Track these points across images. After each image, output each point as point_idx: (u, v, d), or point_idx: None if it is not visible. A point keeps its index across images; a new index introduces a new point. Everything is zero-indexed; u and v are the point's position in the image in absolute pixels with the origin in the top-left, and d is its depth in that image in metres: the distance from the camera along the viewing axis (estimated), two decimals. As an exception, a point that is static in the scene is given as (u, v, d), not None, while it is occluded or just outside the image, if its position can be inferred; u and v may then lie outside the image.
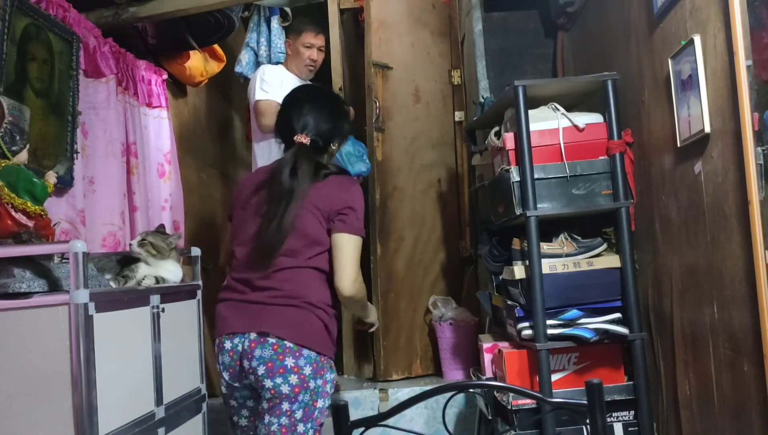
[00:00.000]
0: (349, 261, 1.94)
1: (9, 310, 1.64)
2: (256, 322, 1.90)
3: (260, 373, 1.86)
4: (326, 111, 2.09)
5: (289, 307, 1.91)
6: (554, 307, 2.31)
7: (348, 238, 1.94)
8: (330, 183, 1.98)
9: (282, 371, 1.86)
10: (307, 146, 2.02)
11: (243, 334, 1.91)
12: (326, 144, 2.08)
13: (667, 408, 2.25)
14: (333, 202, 1.95)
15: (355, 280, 1.95)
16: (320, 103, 2.11)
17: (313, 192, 1.95)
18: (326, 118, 2.07)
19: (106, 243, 2.69)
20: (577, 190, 2.35)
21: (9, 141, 1.83)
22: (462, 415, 3.14)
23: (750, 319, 1.69)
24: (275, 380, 1.86)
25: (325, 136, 2.06)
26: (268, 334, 1.88)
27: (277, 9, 3.86)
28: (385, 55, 3.63)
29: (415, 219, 3.66)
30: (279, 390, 1.85)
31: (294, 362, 1.87)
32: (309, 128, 2.03)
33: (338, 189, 1.98)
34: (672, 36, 2.04)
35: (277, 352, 1.87)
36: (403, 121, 3.68)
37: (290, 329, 1.89)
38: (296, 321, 1.90)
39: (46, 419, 1.61)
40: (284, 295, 1.92)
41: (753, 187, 1.62)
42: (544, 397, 1.31)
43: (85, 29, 2.67)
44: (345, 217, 1.95)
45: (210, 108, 4.32)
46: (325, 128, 2.06)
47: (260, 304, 1.92)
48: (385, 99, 3.60)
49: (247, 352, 1.89)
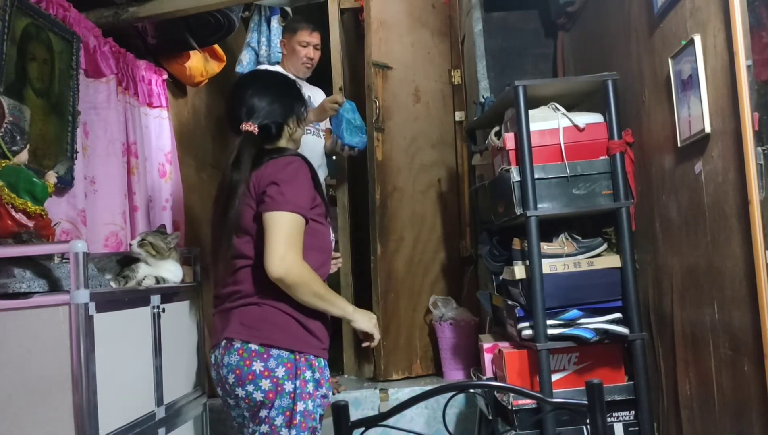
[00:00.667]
0: (273, 239, 1.73)
1: (9, 310, 1.64)
2: (224, 329, 1.81)
3: (231, 381, 1.76)
4: (271, 92, 1.94)
5: (250, 307, 1.79)
6: (554, 307, 2.31)
7: (271, 216, 1.75)
8: (268, 165, 1.82)
9: (251, 377, 1.74)
10: (254, 135, 1.88)
11: (218, 345, 1.82)
12: (278, 129, 1.93)
13: (667, 408, 2.25)
14: (261, 182, 1.80)
15: (282, 257, 1.72)
16: (264, 85, 1.97)
17: (252, 179, 1.81)
18: (271, 101, 1.92)
19: (109, 243, 2.69)
20: (578, 190, 2.35)
21: (9, 141, 1.83)
22: (462, 415, 3.14)
23: (750, 319, 1.69)
24: (246, 388, 1.74)
25: (274, 120, 1.92)
26: (233, 339, 1.77)
27: (277, 9, 3.87)
28: (385, 54, 3.63)
29: (415, 219, 3.66)
30: (252, 398, 1.75)
31: (263, 365, 1.74)
32: (255, 114, 1.90)
33: (271, 167, 1.81)
34: (672, 36, 2.04)
35: (243, 357, 1.75)
36: (403, 121, 3.69)
37: (252, 330, 1.77)
38: (258, 320, 1.78)
39: (46, 419, 1.61)
40: (243, 295, 1.80)
41: (753, 187, 1.62)
42: (545, 397, 1.31)
43: (85, 29, 2.67)
44: (269, 194, 1.77)
45: (210, 108, 4.32)
46: (271, 110, 1.91)
47: (227, 310, 1.83)
48: (385, 99, 3.60)
49: (220, 362, 1.80)
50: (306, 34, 3.32)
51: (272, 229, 1.74)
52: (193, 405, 2.32)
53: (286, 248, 1.73)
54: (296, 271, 1.74)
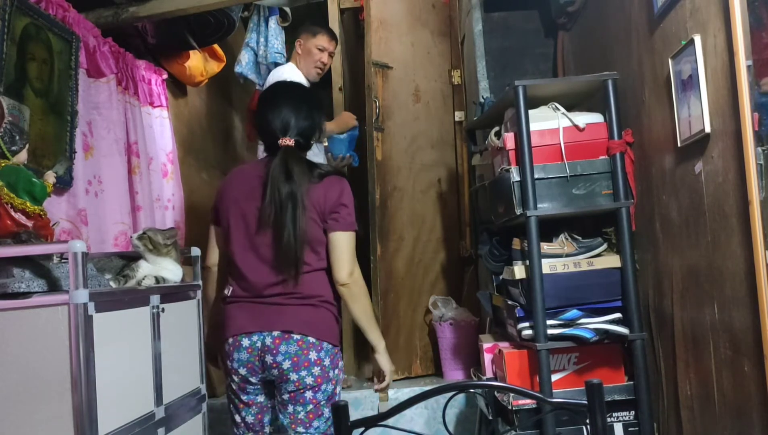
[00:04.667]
0: (345, 256, 2.04)
1: (8, 310, 1.64)
2: (278, 321, 2.01)
3: (285, 367, 1.99)
4: (304, 109, 2.11)
5: (307, 307, 2.04)
6: (554, 307, 2.31)
7: (342, 235, 2.04)
8: (324, 183, 2.04)
9: (306, 365, 2.00)
10: (293, 148, 2.07)
11: (262, 333, 2.01)
12: (308, 141, 2.14)
13: (667, 408, 2.25)
14: (327, 202, 2.02)
15: (351, 272, 2.05)
16: (297, 101, 2.13)
17: (310, 194, 2.01)
18: (305, 116, 2.10)
19: (118, 242, 2.70)
20: (578, 190, 2.35)
21: (8, 141, 1.82)
22: (462, 415, 3.14)
23: (750, 319, 1.68)
24: (300, 373, 2.00)
25: (306, 134, 2.11)
26: (292, 331, 2.00)
27: (276, 9, 3.86)
28: (384, 54, 3.63)
29: (415, 219, 3.66)
30: (304, 381, 2.00)
31: (317, 355, 2.01)
32: (290, 129, 2.07)
33: (330, 188, 2.04)
34: (672, 36, 2.03)
35: (301, 347, 2.00)
36: (403, 121, 3.68)
37: (311, 326, 2.02)
38: (315, 318, 2.04)
39: (46, 419, 1.61)
40: (302, 296, 2.03)
41: (753, 187, 1.62)
42: (545, 397, 1.31)
43: (85, 29, 2.68)
44: (338, 215, 2.03)
45: (210, 108, 4.32)
46: (305, 126, 2.10)
47: (279, 305, 2.03)
48: (384, 98, 3.60)
49: (270, 348, 2.00)
50: (326, 40, 3.34)
51: (342, 247, 2.04)
52: (193, 405, 2.32)
53: (354, 263, 2.06)
54: (360, 283, 2.10)
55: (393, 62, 3.65)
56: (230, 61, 3.96)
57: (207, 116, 4.26)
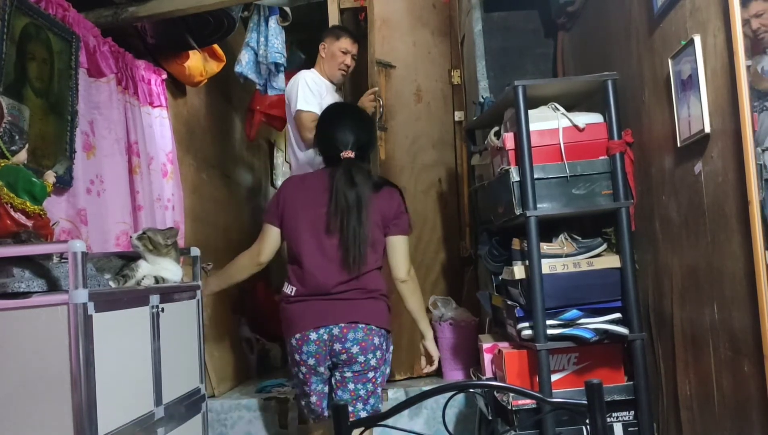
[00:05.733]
0: (404, 256, 2.40)
1: (8, 310, 1.64)
2: (345, 314, 2.29)
3: (354, 351, 2.27)
4: (363, 126, 2.45)
5: (370, 300, 2.34)
6: (554, 307, 2.31)
7: (403, 239, 2.39)
8: (384, 193, 2.37)
9: (372, 349, 2.29)
10: (354, 159, 2.36)
11: (328, 326, 2.29)
12: (365, 155, 2.47)
13: (667, 408, 2.25)
14: (390, 211, 2.36)
15: (409, 270, 2.41)
16: (357, 119, 2.47)
17: (372, 200, 2.32)
18: (365, 132, 2.43)
19: (120, 241, 2.70)
20: (577, 190, 2.35)
21: (8, 141, 1.82)
22: (462, 415, 3.14)
23: (750, 319, 1.68)
24: (367, 356, 2.29)
25: (365, 149, 2.44)
26: (358, 321, 2.28)
27: (276, 9, 3.86)
28: (387, 53, 3.61)
29: (416, 219, 3.61)
30: (368, 363, 2.30)
31: (379, 341, 2.31)
32: (351, 143, 2.36)
33: (391, 198, 2.38)
34: (672, 36, 2.03)
35: (367, 334, 2.29)
36: (405, 121, 3.67)
37: (375, 317, 2.32)
38: (377, 310, 2.34)
39: (46, 419, 1.61)
40: (366, 291, 2.32)
41: (753, 187, 1.62)
42: (544, 397, 1.31)
43: (85, 29, 2.67)
44: (399, 221, 2.37)
45: (210, 108, 4.32)
46: (364, 141, 2.42)
47: (347, 300, 2.31)
48: (388, 98, 3.58)
49: (339, 337, 2.28)
50: (349, 43, 3.36)
51: (403, 248, 2.39)
52: (193, 405, 2.32)
53: (410, 263, 2.43)
54: (416, 279, 2.48)
55: (395, 61, 3.64)
56: (230, 61, 3.95)
57: (206, 116, 4.25)
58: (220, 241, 4.12)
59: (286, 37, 3.79)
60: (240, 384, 3.63)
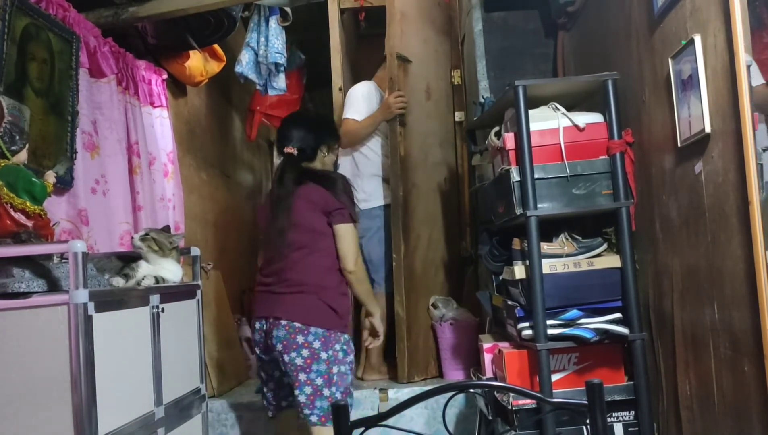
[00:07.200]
0: (348, 246, 2.40)
1: (8, 310, 1.64)
2: (273, 309, 2.35)
3: (279, 349, 2.31)
4: (306, 125, 2.56)
5: (297, 294, 2.34)
6: (554, 307, 2.31)
7: (343, 228, 2.40)
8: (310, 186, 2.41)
9: (295, 347, 2.28)
10: (294, 156, 2.48)
11: (265, 318, 2.38)
12: (313, 151, 2.52)
13: (667, 408, 2.25)
14: (323, 202, 2.39)
15: (356, 259, 2.41)
16: (302, 120, 2.63)
17: (304, 192, 2.39)
18: (306, 130, 2.52)
19: (124, 241, 2.70)
20: (578, 189, 2.35)
21: (8, 141, 1.82)
22: (462, 415, 3.13)
23: (750, 319, 1.68)
24: (290, 355, 2.29)
25: (309, 145, 2.51)
26: (280, 317, 2.31)
27: (276, 9, 3.85)
28: (405, 47, 3.49)
29: (428, 217, 3.55)
30: (294, 362, 2.28)
31: (303, 339, 2.29)
32: (294, 140, 2.50)
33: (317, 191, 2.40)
34: (672, 36, 2.03)
35: (289, 332, 2.29)
36: (418, 117, 3.57)
37: (297, 313, 2.31)
38: (303, 305, 2.32)
39: (46, 419, 1.61)
40: (293, 284, 2.35)
41: (753, 187, 1.62)
42: (545, 397, 1.31)
43: (85, 29, 2.67)
44: (335, 211, 2.39)
45: (210, 108, 4.32)
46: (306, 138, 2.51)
47: (277, 294, 2.37)
48: (406, 93, 3.45)
49: (269, 333, 2.34)
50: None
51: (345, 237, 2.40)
52: (193, 405, 2.32)
53: (357, 251, 2.44)
54: (363, 270, 2.54)
55: (411, 56, 3.53)
56: (230, 61, 3.95)
57: (207, 116, 4.26)
58: (220, 241, 4.13)
59: (286, 37, 3.79)
60: (240, 384, 3.63)
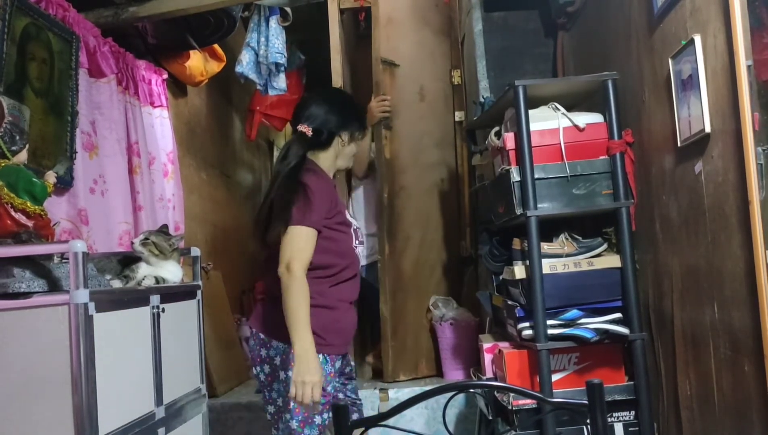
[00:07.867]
0: (285, 247, 1.96)
1: (9, 310, 1.64)
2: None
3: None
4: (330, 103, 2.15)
5: (263, 302, 2.11)
6: (554, 307, 2.31)
7: (292, 228, 1.97)
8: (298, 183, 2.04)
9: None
10: (306, 136, 2.09)
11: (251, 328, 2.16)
12: (330, 135, 2.12)
13: (667, 408, 2.25)
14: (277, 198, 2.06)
15: (289, 264, 1.93)
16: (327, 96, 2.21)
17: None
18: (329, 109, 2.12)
19: (123, 241, 2.71)
20: (578, 190, 2.35)
21: (9, 141, 1.82)
22: (462, 415, 3.14)
23: (750, 319, 1.68)
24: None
25: (328, 127, 2.11)
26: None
27: (276, 9, 3.85)
28: (392, 51, 3.59)
29: (420, 218, 3.63)
30: (259, 377, 2.06)
31: (266, 353, 2.04)
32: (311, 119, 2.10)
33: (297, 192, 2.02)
34: (672, 36, 2.03)
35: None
36: (409, 120, 3.65)
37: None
38: (269, 314, 2.03)
39: (46, 419, 1.61)
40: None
41: (753, 187, 1.62)
42: (545, 397, 1.31)
43: (85, 29, 2.67)
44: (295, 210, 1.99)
45: (210, 108, 4.32)
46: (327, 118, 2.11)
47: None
48: (392, 96, 3.56)
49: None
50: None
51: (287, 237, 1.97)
52: (193, 405, 2.32)
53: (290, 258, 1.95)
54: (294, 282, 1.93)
55: (399, 60, 3.62)
56: (230, 61, 3.95)
57: (207, 116, 4.26)
58: (219, 241, 4.13)
59: (286, 37, 3.78)
60: (240, 384, 3.63)
